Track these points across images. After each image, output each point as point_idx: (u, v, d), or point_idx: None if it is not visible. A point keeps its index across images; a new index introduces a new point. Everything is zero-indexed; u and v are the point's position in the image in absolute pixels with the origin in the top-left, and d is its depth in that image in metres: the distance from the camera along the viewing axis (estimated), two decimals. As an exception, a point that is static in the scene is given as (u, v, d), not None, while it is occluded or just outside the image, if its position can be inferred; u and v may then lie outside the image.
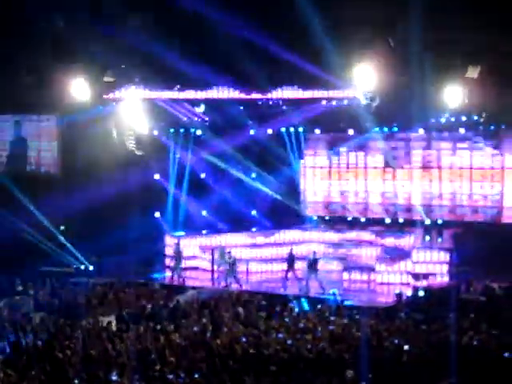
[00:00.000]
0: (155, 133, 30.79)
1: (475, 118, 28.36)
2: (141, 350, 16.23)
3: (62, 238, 28.58)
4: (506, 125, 28.02)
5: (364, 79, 26.34)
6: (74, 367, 15.02)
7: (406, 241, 28.18)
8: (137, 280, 25.66)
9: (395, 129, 29.48)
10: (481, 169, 28.16)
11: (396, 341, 16.39)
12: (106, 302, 22.33)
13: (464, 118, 28.37)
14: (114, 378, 14.49)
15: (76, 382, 14.38)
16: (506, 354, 15.02)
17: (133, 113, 29.00)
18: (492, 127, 28.24)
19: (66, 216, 28.72)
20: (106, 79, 28.02)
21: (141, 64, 27.77)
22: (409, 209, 29.70)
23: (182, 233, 29.93)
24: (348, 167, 30.56)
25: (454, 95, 26.43)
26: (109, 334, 17.95)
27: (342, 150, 30.38)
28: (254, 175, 32.10)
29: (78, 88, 27.79)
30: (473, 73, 26.07)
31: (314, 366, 14.90)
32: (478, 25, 24.64)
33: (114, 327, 19.33)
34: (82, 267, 27.83)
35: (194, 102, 29.89)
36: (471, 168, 28.38)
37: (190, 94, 29.05)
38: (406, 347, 15.72)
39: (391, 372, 14.46)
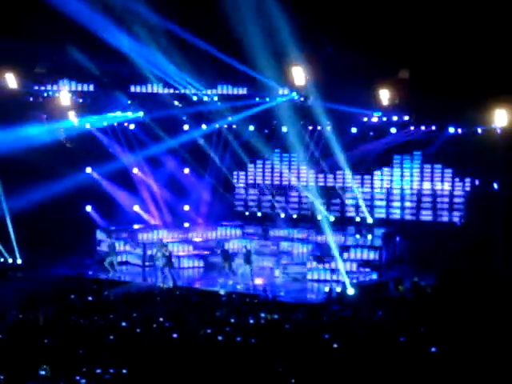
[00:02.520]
0: (87, 126, 30.38)
1: (406, 118, 28.87)
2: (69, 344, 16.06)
3: None
4: (436, 125, 28.68)
5: (298, 79, 26.65)
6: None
7: (337, 238, 28.45)
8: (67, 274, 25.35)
9: (328, 128, 29.70)
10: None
11: (326, 336, 16.58)
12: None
13: (395, 118, 28.86)
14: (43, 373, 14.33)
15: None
16: (433, 349, 15.32)
17: (65, 105, 28.61)
18: (422, 127, 28.87)
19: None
20: (37, 70, 27.57)
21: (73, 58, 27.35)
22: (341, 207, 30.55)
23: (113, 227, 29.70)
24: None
25: (385, 95, 27.05)
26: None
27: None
28: (187, 170, 32.08)
29: (8, 79, 27.28)
30: (404, 74, 26.71)
31: (243, 359, 14.97)
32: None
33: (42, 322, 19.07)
34: (10, 260, 27.28)
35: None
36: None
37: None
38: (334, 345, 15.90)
39: (320, 367, 14.61)
